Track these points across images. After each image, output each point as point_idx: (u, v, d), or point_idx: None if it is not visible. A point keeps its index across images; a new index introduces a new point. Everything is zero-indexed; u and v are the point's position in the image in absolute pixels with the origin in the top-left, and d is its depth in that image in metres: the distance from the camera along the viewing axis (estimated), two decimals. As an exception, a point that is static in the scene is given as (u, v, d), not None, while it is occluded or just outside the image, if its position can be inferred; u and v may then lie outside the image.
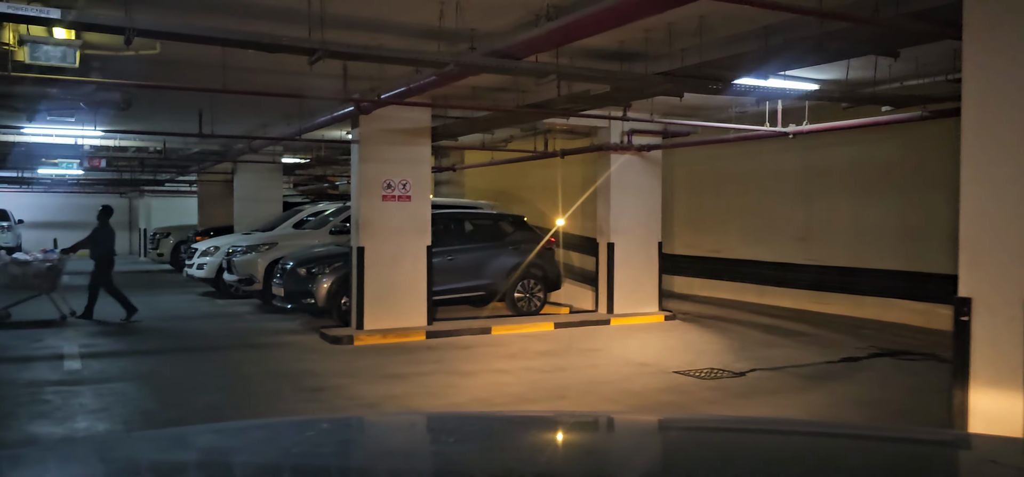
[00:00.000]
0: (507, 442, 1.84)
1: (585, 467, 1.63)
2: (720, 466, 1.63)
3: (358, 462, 1.72)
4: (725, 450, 1.79)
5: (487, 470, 1.61)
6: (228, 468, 1.63)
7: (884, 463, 1.68)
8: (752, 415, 7.01)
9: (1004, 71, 3.67)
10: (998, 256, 3.73)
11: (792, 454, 1.72)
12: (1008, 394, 3.66)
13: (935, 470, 1.65)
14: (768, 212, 14.35)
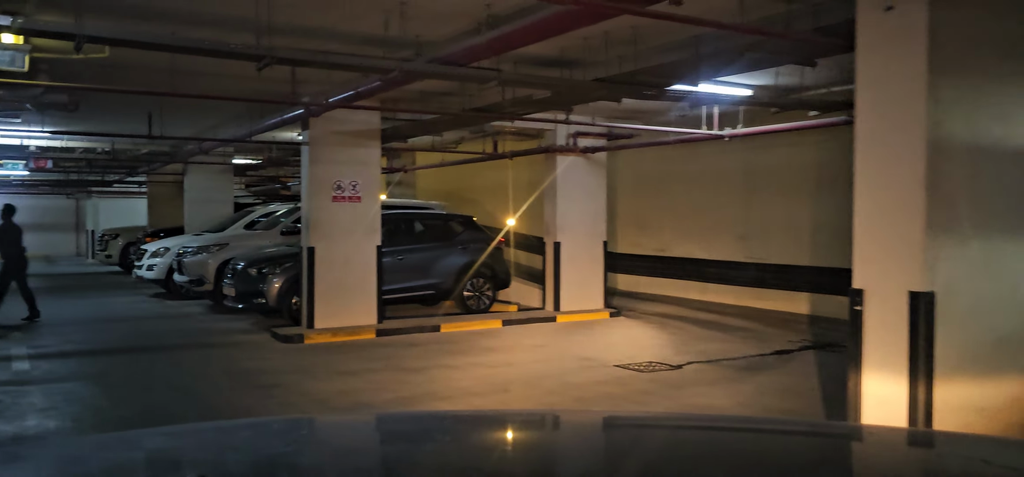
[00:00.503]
0: (460, 440, 1.83)
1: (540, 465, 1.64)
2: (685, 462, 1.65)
3: (350, 462, 1.72)
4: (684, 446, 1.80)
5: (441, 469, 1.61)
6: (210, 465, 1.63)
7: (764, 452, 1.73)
8: (685, 403, 7.40)
9: (890, 84, 4.07)
10: (885, 251, 4.13)
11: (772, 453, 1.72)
12: (894, 376, 4.06)
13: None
14: (710, 212, 14.83)
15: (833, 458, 1.72)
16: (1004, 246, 4.24)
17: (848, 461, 1.73)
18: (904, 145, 4.00)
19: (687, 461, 1.63)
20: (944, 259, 3.99)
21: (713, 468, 1.57)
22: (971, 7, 4.01)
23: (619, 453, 1.75)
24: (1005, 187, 4.23)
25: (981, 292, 4.13)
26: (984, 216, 4.14)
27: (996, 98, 4.15)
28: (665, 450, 1.73)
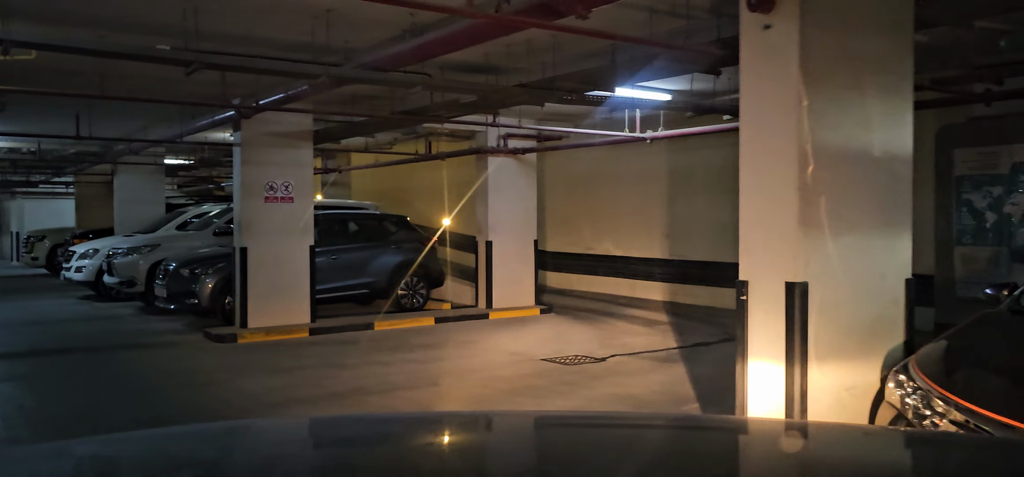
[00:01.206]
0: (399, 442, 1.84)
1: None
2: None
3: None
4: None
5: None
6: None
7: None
8: (602, 392, 7.81)
9: (767, 95, 4.51)
10: (765, 246, 4.57)
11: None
12: (774, 359, 4.50)
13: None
14: (637, 211, 15.34)
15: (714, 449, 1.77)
16: (870, 240, 4.72)
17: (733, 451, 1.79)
18: (780, 150, 4.44)
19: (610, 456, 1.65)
20: (816, 252, 4.44)
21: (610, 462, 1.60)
22: (836, 28, 4.47)
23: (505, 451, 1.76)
24: (869, 187, 4.71)
25: (848, 282, 4.60)
26: (851, 213, 4.61)
27: (861, 108, 4.63)
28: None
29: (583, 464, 1.59)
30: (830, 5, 4.46)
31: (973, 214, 7.24)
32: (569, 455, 1.69)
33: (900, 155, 4.85)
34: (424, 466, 1.61)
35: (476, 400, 7.82)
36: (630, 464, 1.57)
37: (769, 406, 4.52)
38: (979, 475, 1.58)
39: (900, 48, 4.82)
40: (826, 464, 1.68)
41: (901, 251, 4.90)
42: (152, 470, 1.58)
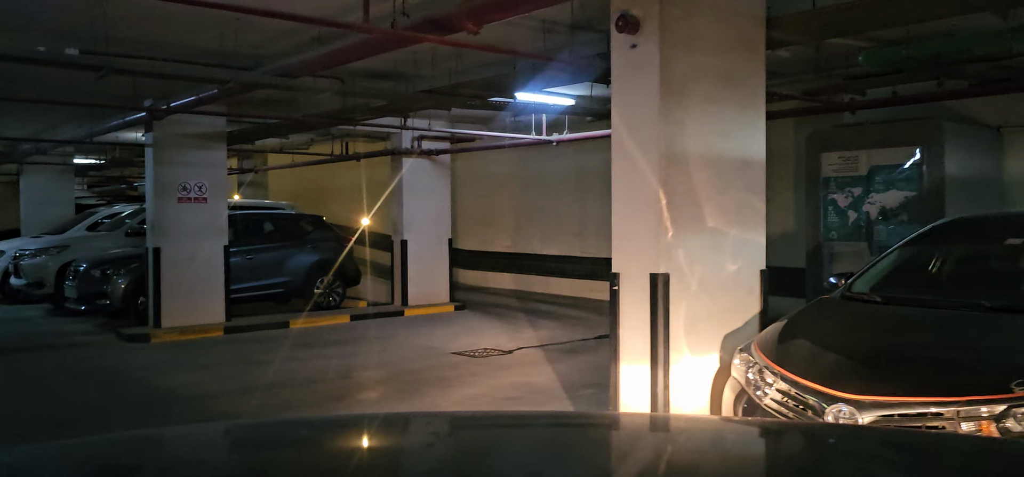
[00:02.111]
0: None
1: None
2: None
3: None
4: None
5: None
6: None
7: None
8: (505, 381, 8.28)
9: (634, 106, 5.05)
10: (634, 241, 5.11)
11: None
12: (641, 342, 5.04)
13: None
14: (550, 211, 15.92)
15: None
16: (727, 236, 5.30)
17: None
18: (645, 156, 4.97)
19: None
20: (676, 247, 4.99)
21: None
22: (694, 48, 5.03)
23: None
24: (726, 189, 5.29)
25: (707, 273, 5.17)
26: (709, 212, 5.18)
27: (718, 118, 5.21)
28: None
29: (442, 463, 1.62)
30: (688, 28, 5.02)
31: (838, 212, 8.00)
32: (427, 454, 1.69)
33: (754, 160, 5.46)
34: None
35: (385, 391, 8.18)
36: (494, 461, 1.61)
37: (638, 380, 5.06)
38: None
39: (753, 65, 5.42)
40: (689, 452, 1.74)
41: (756, 245, 5.51)
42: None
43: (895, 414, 3.64)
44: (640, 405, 5.07)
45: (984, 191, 7.91)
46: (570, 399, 7.45)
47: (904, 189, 7.54)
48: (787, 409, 4.04)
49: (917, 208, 7.34)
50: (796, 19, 5.73)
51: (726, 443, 1.83)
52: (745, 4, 5.36)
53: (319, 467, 1.56)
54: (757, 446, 1.87)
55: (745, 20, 5.37)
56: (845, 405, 3.76)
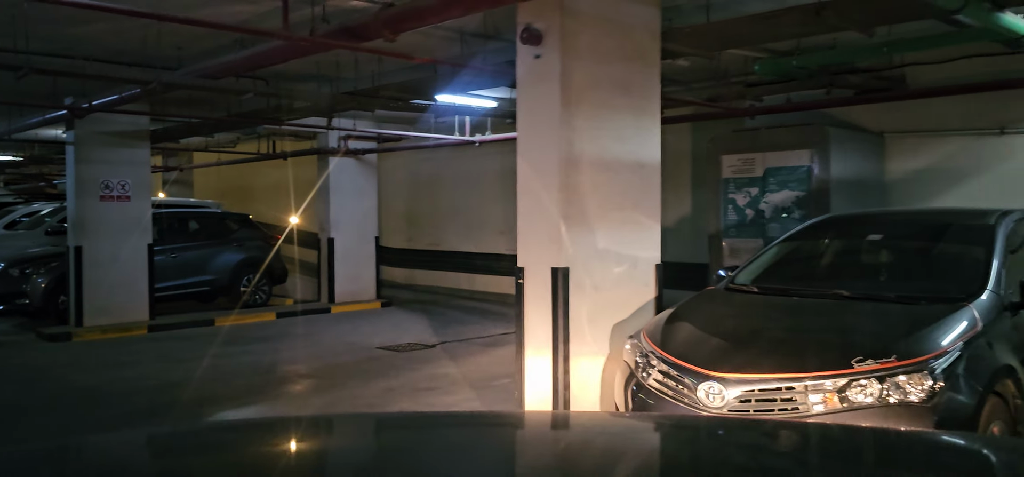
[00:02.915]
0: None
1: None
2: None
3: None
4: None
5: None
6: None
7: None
8: (425, 373, 8.61)
9: (537, 112, 5.44)
10: (537, 237, 5.51)
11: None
12: (544, 331, 5.44)
13: None
14: (476, 209, 16.27)
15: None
16: (623, 232, 5.75)
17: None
18: (547, 158, 5.38)
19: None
20: (576, 243, 5.41)
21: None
22: (592, 59, 5.45)
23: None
24: (623, 189, 5.73)
25: (604, 267, 5.60)
26: (607, 210, 5.61)
27: (615, 123, 5.64)
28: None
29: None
30: (587, 41, 5.44)
31: (737, 211, 8.58)
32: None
33: (649, 162, 5.92)
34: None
35: (309, 385, 8.42)
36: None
37: (542, 367, 5.46)
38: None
39: (648, 75, 5.88)
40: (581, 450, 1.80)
41: (651, 241, 5.97)
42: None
43: (755, 389, 4.13)
44: (543, 389, 5.47)
45: (868, 191, 8.60)
46: (486, 388, 7.81)
47: (795, 189, 8.16)
48: (667, 388, 4.50)
49: (807, 206, 7.96)
50: (690, 33, 6.22)
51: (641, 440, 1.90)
52: (641, 19, 5.81)
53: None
54: (653, 441, 1.94)
55: (641, 33, 5.82)
56: (715, 383, 4.23)
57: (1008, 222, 5.19)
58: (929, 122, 8.62)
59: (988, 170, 8.27)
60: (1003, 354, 4.31)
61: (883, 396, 3.93)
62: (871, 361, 3.99)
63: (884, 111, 8.78)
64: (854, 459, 1.74)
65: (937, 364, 3.97)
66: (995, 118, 8.24)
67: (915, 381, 3.93)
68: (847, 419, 3.93)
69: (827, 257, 5.73)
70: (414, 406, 7.27)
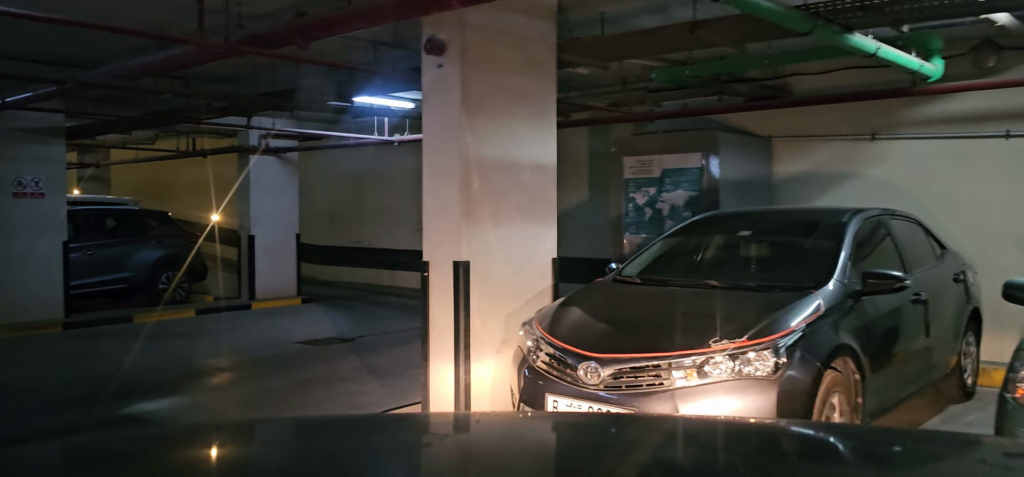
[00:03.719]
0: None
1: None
2: None
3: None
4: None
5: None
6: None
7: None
8: (343, 365, 8.95)
9: (440, 118, 5.87)
10: (440, 234, 5.94)
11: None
12: (447, 321, 5.87)
13: None
14: (397, 207, 16.58)
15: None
16: (521, 229, 6.22)
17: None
18: (449, 160, 5.81)
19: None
20: (476, 239, 5.85)
21: None
22: (491, 69, 5.90)
23: None
24: (520, 189, 6.20)
25: (503, 261, 6.05)
26: (505, 209, 6.07)
27: (513, 129, 6.11)
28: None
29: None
30: (487, 52, 5.89)
31: (637, 209, 9.17)
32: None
33: (546, 165, 6.40)
34: None
35: (228, 377, 8.66)
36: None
37: (445, 355, 5.90)
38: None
39: (545, 84, 6.36)
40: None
41: (548, 237, 6.46)
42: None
43: (626, 367, 4.66)
44: (446, 375, 5.90)
45: (756, 191, 9.31)
46: (400, 378, 8.21)
47: (689, 189, 8.79)
48: (553, 369, 5.00)
49: (699, 205, 8.59)
50: (583, 44, 6.74)
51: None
52: (538, 32, 6.29)
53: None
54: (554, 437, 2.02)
55: (538, 45, 6.30)
56: (592, 362, 4.75)
57: (858, 220, 5.86)
58: (811, 128, 9.38)
59: (861, 173, 9.07)
60: (843, 335, 4.94)
61: (735, 371, 4.50)
62: (726, 341, 4.56)
63: (772, 117, 9.51)
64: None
65: (782, 343, 4.56)
66: (868, 125, 9.03)
67: (762, 358, 4.51)
68: (704, 392, 4.49)
69: (702, 251, 6.33)
70: (330, 396, 7.62)
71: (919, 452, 1.79)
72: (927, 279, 6.22)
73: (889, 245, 6.12)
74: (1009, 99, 8.08)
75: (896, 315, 5.62)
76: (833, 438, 1.99)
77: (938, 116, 8.63)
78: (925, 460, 1.73)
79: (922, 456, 1.75)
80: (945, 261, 6.84)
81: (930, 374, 6.24)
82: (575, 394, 4.80)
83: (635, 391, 4.62)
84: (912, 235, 6.61)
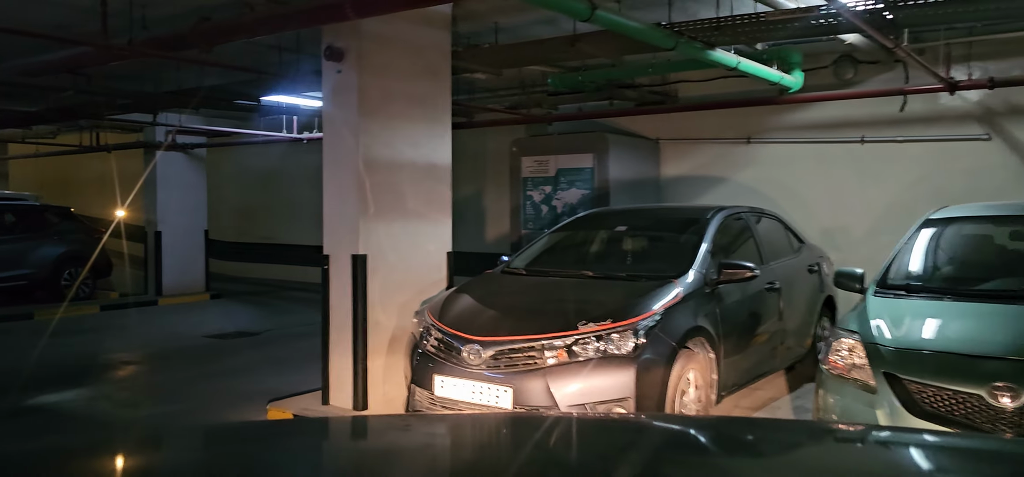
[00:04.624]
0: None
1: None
2: None
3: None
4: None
5: None
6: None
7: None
8: (248, 358, 9.20)
9: (340, 121, 6.26)
10: (340, 229, 6.33)
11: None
12: (346, 311, 6.27)
13: None
14: (307, 204, 16.65)
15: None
16: (416, 225, 6.65)
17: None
18: (348, 160, 6.20)
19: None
20: (373, 234, 6.26)
21: None
22: (387, 76, 6.31)
23: None
24: (416, 187, 6.63)
25: (398, 255, 6.48)
26: (401, 206, 6.50)
27: (409, 132, 6.54)
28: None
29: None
30: (383, 59, 6.30)
31: (533, 206, 9.73)
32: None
33: (441, 165, 6.85)
34: None
35: (133, 370, 8.80)
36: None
37: (344, 344, 6.29)
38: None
39: (440, 89, 6.81)
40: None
41: (443, 232, 6.91)
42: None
43: (505, 348, 5.16)
44: (345, 362, 6.30)
45: (645, 190, 10.00)
46: (303, 368, 8.51)
47: (582, 188, 9.40)
48: (440, 352, 5.46)
49: (591, 203, 9.20)
50: (477, 53, 7.23)
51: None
52: (433, 41, 6.74)
53: None
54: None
55: (433, 53, 6.74)
56: (475, 344, 5.24)
57: (720, 217, 6.53)
58: (695, 131, 10.13)
59: (739, 173, 9.87)
60: (699, 319, 5.57)
61: (600, 350, 5.06)
62: (592, 324, 5.11)
63: (660, 121, 10.22)
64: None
65: (641, 325, 5.15)
66: (744, 129, 9.83)
67: (624, 338, 5.08)
68: (573, 369, 5.03)
69: (583, 245, 6.90)
70: (234, 385, 7.88)
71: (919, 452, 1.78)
72: (782, 269, 6.96)
73: (749, 239, 6.82)
74: (865, 108, 8.97)
75: (751, 301, 6.31)
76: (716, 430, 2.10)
77: (803, 123, 9.49)
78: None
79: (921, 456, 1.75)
80: (802, 253, 7.61)
81: (785, 354, 6.98)
82: (460, 374, 5.28)
83: (513, 370, 5.13)
84: (772, 230, 7.34)
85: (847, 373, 4.42)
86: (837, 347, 4.56)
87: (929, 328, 4.46)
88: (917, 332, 4.44)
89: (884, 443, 1.93)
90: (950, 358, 4.10)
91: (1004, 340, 4.12)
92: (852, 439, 2.00)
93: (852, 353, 4.45)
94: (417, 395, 5.57)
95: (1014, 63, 8.14)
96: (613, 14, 5.35)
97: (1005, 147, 8.43)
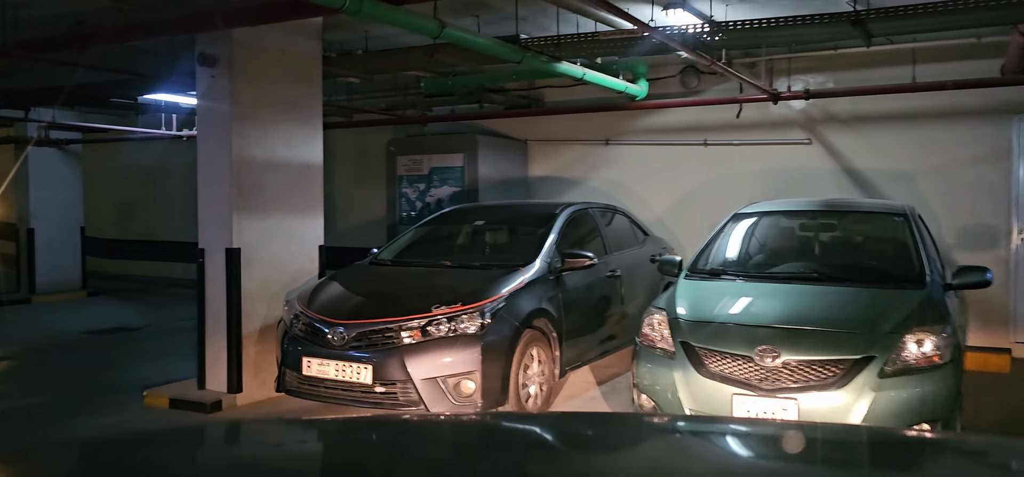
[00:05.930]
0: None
1: None
2: None
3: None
4: None
5: None
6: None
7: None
8: (126, 352, 9.38)
9: (213, 122, 6.66)
10: (215, 224, 6.73)
11: None
12: (221, 304, 6.67)
13: None
14: (189, 200, 16.55)
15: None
16: (290, 220, 7.11)
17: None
18: (222, 159, 6.61)
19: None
20: (247, 229, 6.69)
21: None
22: (260, 81, 6.74)
23: None
24: (290, 186, 7.09)
25: (272, 248, 6.93)
26: (275, 202, 6.95)
27: (282, 133, 7.00)
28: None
29: None
30: (256, 65, 6.74)
31: (408, 202, 10.31)
32: None
33: (313, 164, 7.33)
34: None
35: (8, 366, 8.84)
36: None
37: (218, 331, 6.70)
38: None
39: (311, 93, 7.28)
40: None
41: (315, 227, 7.38)
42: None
43: (367, 330, 5.74)
44: (220, 352, 6.71)
45: (514, 188, 10.73)
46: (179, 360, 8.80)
47: (453, 185, 10.04)
48: (308, 336, 5.98)
49: (461, 200, 9.85)
50: (348, 60, 7.74)
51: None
52: (304, 48, 7.21)
53: None
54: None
55: (304, 60, 7.22)
56: (340, 327, 5.79)
57: (568, 212, 7.29)
58: (559, 133, 10.94)
59: (598, 172, 10.74)
60: (543, 302, 6.29)
61: (450, 330, 5.70)
62: (444, 307, 5.75)
63: (528, 123, 10.98)
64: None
65: (488, 307, 5.82)
66: (603, 132, 10.70)
67: (472, 319, 5.74)
68: (427, 347, 5.64)
69: (446, 238, 7.55)
70: (111, 376, 8.10)
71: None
72: (626, 259, 7.80)
73: (595, 231, 7.62)
74: (707, 115, 9.98)
75: (593, 287, 7.10)
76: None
77: (655, 127, 10.44)
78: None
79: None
80: (646, 245, 8.48)
81: (627, 335, 7.82)
82: (326, 355, 5.81)
83: (373, 349, 5.70)
84: (618, 223, 8.18)
85: (655, 344, 5.23)
86: (648, 322, 5.36)
87: (721, 305, 5.32)
88: (710, 308, 5.29)
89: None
90: (730, 327, 4.96)
91: (773, 312, 5.02)
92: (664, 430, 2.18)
93: (660, 326, 5.26)
94: (288, 376, 6.07)
95: (828, 77, 9.30)
96: (461, 32, 5.99)
97: (823, 150, 9.60)
